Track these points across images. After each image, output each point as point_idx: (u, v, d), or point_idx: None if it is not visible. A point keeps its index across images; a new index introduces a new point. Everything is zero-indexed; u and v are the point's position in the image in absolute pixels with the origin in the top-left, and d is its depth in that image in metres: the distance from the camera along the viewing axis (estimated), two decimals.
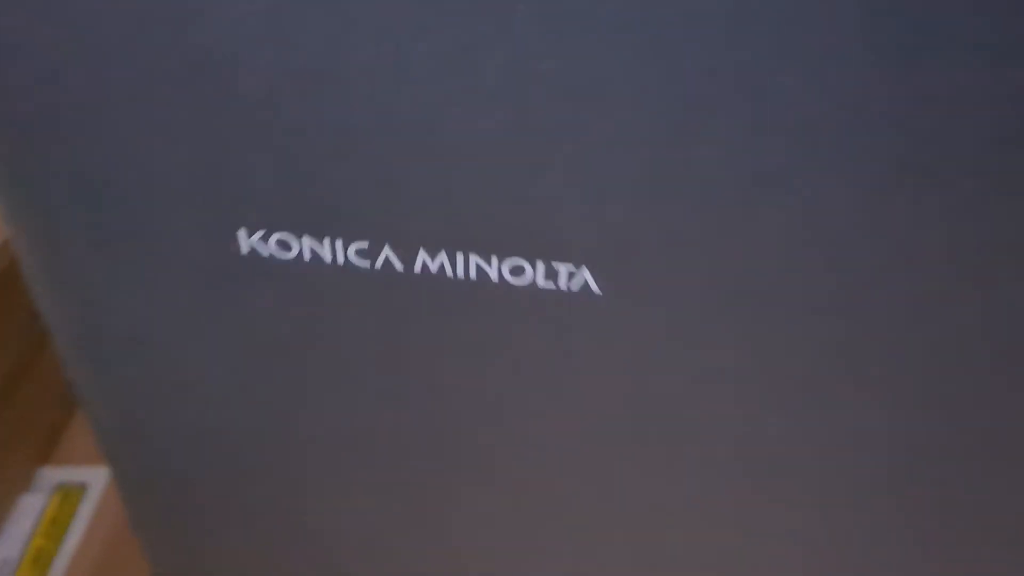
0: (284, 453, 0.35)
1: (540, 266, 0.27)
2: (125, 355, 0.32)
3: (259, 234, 0.28)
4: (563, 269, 0.27)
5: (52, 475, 0.62)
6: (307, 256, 0.28)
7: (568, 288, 0.28)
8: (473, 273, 0.28)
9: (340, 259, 0.28)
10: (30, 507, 0.60)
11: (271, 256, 0.28)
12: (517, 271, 0.28)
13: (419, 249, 0.28)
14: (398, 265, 0.28)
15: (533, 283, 0.28)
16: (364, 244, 0.28)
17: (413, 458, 0.34)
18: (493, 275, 0.28)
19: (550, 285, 0.28)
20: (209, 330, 0.31)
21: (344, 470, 0.35)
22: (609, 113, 0.24)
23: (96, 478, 0.62)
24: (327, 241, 0.28)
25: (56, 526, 0.61)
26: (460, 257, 0.28)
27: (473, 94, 0.24)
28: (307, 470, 0.35)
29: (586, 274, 0.27)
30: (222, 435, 0.34)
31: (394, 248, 0.28)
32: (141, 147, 0.27)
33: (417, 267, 0.28)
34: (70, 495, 0.61)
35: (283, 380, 0.32)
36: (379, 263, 0.28)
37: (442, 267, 0.28)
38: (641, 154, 0.25)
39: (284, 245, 0.28)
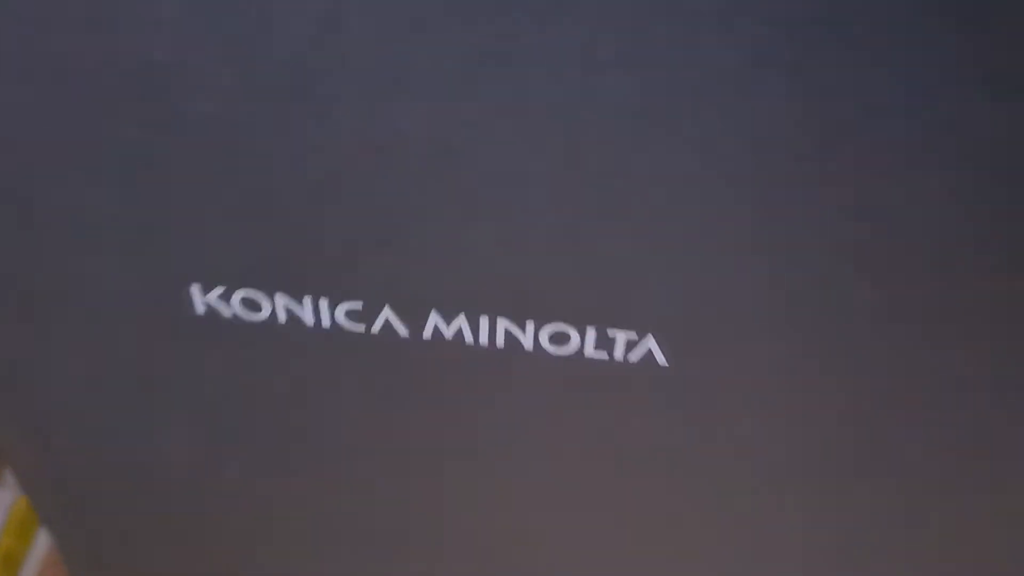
0: (240, 533, 0.28)
1: (591, 333, 0.21)
2: (58, 425, 0.26)
3: (218, 291, 0.21)
4: (621, 337, 0.21)
5: None
6: (282, 317, 0.22)
7: (624, 359, 0.21)
8: (500, 340, 0.21)
9: (325, 322, 0.22)
10: None
11: (235, 317, 0.22)
12: (560, 339, 0.21)
13: (430, 312, 0.21)
14: (402, 330, 0.21)
15: (579, 352, 0.21)
16: (357, 305, 0.21)
17: (397, 554, 0.28)
18: (527, 343, 0.21)
19: (601, 355, 0.21)
20: (156, 405, 0.24)
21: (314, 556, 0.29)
22: (696, 137, 0.17)
23: None
24: (308, 301, 0.21)
25: (26, 525, 0.55)
26: (484, 322, 0.21)
27: (511, 113, 0.17)
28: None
29: (651, 343, 0.21)
30: (169, 509, 0.28)
31: (397, 310, 0.21)
32: (62, 179, 0.20)
33: (427, 332, 0.21)
34: None
35: (247, 459, 0.26)
36: (377, 327, 0.21)
37: (460, 333, 0.21)
38: (738, 195, 0.18)
39: (252, 305, 0.21)
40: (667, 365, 0.21)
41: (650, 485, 0.24)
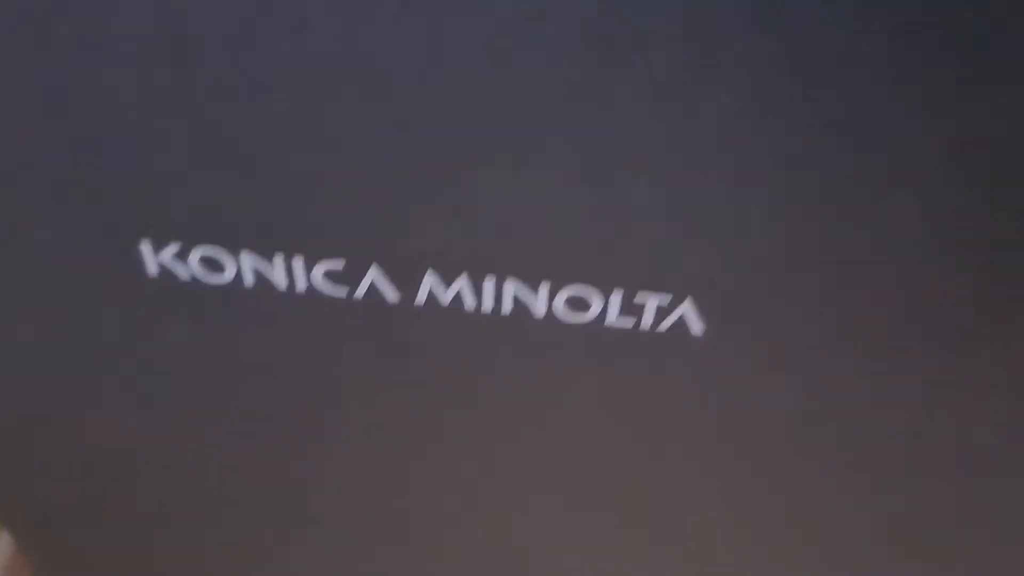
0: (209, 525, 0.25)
1: (616, 298, 0.18)
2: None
3: (172, 248, 0.18)
4: (652, 303, 0.18)
5: None
6: (249, 280, 0.18)
7: (651, 327, 0.18)
8: (507, 306, 0.18)
9: (300, 285, 0.18)
10: None
11: (194, 280, 0.18)
12: (577, 304, 0.18)
13: (425, 272, 0.18)
14: (390, 294, 0.18)
15: (599, 320, 0.18)
16: (338, 264, 0.18)
17: (382, 546, 0.25)
18: (538, 309, 0.18)
19: (625, 323, 0.18)
20: (108, 383, 0.21)
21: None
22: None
23: None
24: (280, 259, 0.18)
25: None
26: (489, 285, 0.18)
27: (524, 28, 0.14)
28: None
29: (687, 309, 0.18)
30: (125, 495, 0.24)
31: (386, 270, 0.18)
32: None
33: (420, 297, 0.18)
34: None
35: (211, 442, 0.22)
36: (361, 290, 0.18)
37: (459, 297, 0.18)
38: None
39: (213, 265, 0.18)
40: (701, 335, 0.18)
41: (671, 471, 0.21)
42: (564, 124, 0.15)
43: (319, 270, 0.18)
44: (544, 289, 0.18)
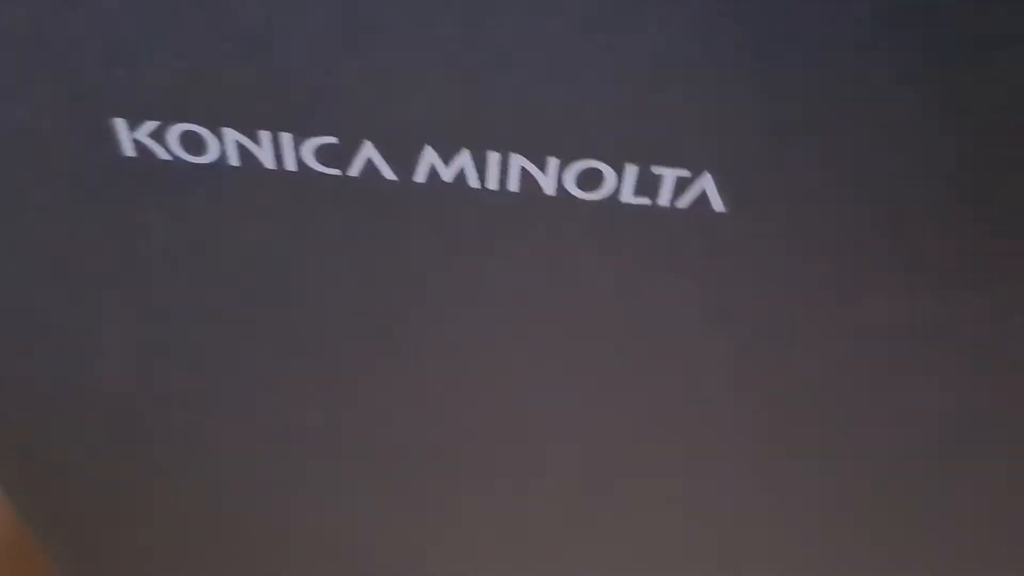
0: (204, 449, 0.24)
1: (630, 172, 0.16)
2: None
3: (149, 126, 0.17)
4: (670, 176, 0.16)
5: None
6: (233, 159, 0.17)
7: (671, 204, 0.17)
8: (514, 183, 0.17)
9: (290, 163, 0.17)
10: None
11: (175, 159, 0.17)
12: (590, 179, 0.17)
13: (423, 148, 0.16)
14: (387, 172, 0.17)
15: (613, 197, 0.17)
16: (331, 140, 0.16)
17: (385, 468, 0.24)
18: (548, 186, 0.17)
19: (642, 200, 0.17)
20: (80, 278, 0.20)
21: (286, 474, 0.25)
22: None
23: None
24: (266, 137, 0.16)
25: None
26: (494, 159, 0.16)
27: None
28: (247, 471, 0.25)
29: (707, 183, 0.16)
30: (103, 414, 0.24)
31: (381, 146, 0.16)
32: None
33: (420, 174, 0.17)
34: None
35: (197, 346, 0.21)
36: (355, 168, 0.17)
37: (461, 174, 0.17)
38: None
39: (194, 142, 0.17)
40: (725, 211, 0.17)
41: (693, 367, 0.20)
42: None
43: (308, 148, 0.17)
44: (553, 164, 0.16)
